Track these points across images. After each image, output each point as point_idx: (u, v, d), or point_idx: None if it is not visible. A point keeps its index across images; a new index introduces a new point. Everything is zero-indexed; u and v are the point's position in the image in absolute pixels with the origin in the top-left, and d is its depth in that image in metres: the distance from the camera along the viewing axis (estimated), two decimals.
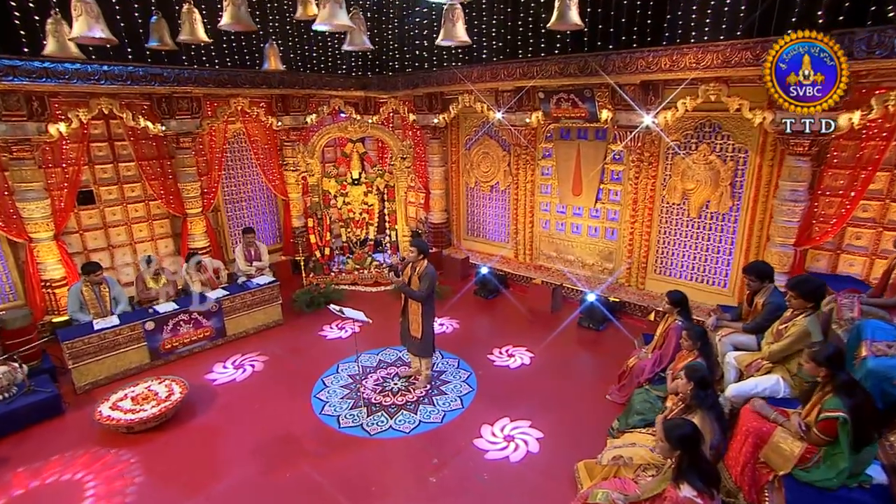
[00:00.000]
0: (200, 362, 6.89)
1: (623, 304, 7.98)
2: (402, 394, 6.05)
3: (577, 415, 5.59)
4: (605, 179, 8.41)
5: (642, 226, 8.04)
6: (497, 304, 8.73)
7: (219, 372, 6.65)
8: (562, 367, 6.60)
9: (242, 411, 5.85)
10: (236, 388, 6.30)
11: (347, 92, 10.42)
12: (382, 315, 7.73)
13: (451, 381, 6.30)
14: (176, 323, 6.90)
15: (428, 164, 10.58)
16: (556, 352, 6.93)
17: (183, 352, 7.02)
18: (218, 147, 9.14)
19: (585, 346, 7.16)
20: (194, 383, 6.25)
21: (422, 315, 5.78)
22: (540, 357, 6.78)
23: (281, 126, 9.68)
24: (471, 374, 6.42)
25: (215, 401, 6.06)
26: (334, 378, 6.45)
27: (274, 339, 7.51)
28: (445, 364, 6.68)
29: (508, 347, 7.04)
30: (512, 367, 6.59)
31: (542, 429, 5.37)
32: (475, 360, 6.69)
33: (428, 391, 6.07)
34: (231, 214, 9.82)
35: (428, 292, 5.64)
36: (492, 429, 5.42)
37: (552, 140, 8.89)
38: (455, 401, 5.90)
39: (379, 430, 5.44)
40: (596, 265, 8.83)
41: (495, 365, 6.64)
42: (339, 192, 9.51)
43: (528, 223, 9.51)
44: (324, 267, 9.42)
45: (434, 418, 5.61)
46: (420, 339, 5.85)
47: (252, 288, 7.65)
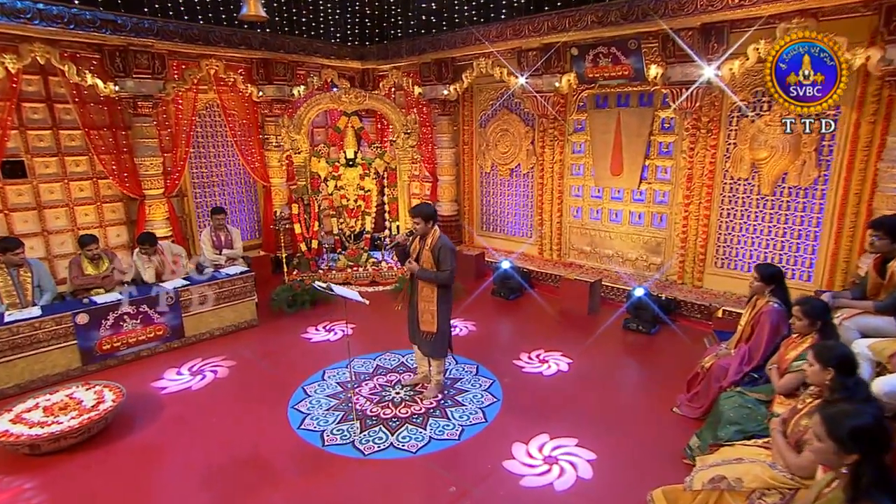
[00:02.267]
0: (148, 367, 5.96)
1: (677, 304, 6.98)
2: (406, 404, 5.10)
3: (637, 431, 4.68)
4: (651, 154, 7.60)
5: (699, 208, 7.19)
6: (520, 305, 7.84)
7: (170, 379, 5.72)
8: (609, 375, 5.76)
9: (195, 426, 4.88)
10: (190, 398, 5.35)
11: (342, 62, 9.73)
12: (380, 317, 7.09)
13: (470, 390, 5.35)
14: (118, 318, 5.92)
15: (436, 146, 9.82)
16: (600, 357, 6.10)
17: (126, 354, 6.03)
18: (186, 119, 8.32)
19: (635, 351, 6.32)
20: (135, 391, 5.30)
21: (437, 303, 4.88)
22: (580, 363, 5.93)
23: (262, 97, 8.91)
24: (494, 381, 5.52)
25: (161, 413, 5.08)
26: (319, 386, 5.50)
27: (245, 342, 6.61)
28: (461, 370, 5.78)
29: (540, 352, 6.17)
30: (546, 374, 5.73)
31: (593, 449, 4.44)
32: (498, 367, 5.84)
33: (439, 401, 5.15)
34: (200, 201, 8.96)
35: (452, 271, 4.75)
36: (527, 448, 4.47)
37: (585, 110, 8.13)
38: (476, 413, 4.95)
39: (376, 448, 4.46)
40: (640, 260, 7.94)
41: (524, 372, 5.77)
42: (330, 175, 8.67)
43: (556, 212, 8.74)
44: (311, 263, 8.47)
45: (449, 434, 4.64)
46: (435, 335, 4.95)
47: (220, 279, 6.68)
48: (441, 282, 4.77)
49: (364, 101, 8.58)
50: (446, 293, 4.93)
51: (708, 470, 3.34)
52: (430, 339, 5.00)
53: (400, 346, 6.21)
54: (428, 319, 4.96)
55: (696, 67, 6.38)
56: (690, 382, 5.02)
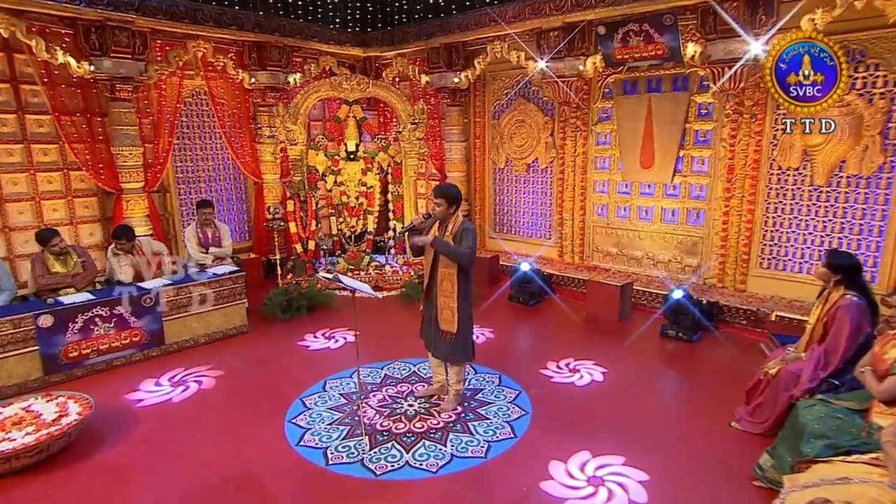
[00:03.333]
0: (122, 377, 5.50)
1: (720, 309, 6.55)
2: (420, 418, 4.66)
3: (692, 449, 4.25)
4: (686, 144, 7.23)
5: (742, 203, 6.79)
6: (542, 312, 7.45)
7: (147, 390, 5.27)
8: (650, 386, 5.37)
9: (175, 443, 4.42)
10: (170, 412, 4.90)
11: (342, 48, 9.40)
12: (386, 323, 6.88)
13: (494, 402, 4.93)
14: (88, 321, 5.46)
15: (444, 140, 9.45)
16: (638, 367, 5.71)
17: (97, 363, 5.57)
18: (170, 106, 7.92)
19: (677, 360, 5.93)
20: (106, 404, 4.84)
21: (457, 297, 4.48)
22: (616, 373, 5.53)
23: (255, 84, 8.52)
24: (520, 393, 5.12)
25: (135, 428, 4.62)
26: (319, 398, 5.06)
27: (234, 350, 6.17)
28: (482, 380, 5.37)
29: (569, 361, 5.78)
30: (578, 385, 5.34)
31: (644, 468, 4.01)
32: (524, 376, 5.45)
33: (459, 414, 4.71)
34: (184, 198, 8.54)
35: (472, 252, 4.38)
36: (566, 467, 4.03)
37: (611, 97, 7.80)
38: (502, 427, 4.51)
39: (389, 468, 4.00)
40: (674, 262, 7.55)
41: (554, 382, 5.38)
42: (329, 169, 8.28)
43: (579, 210, 8.35)
44: (307, 266, 8.04)
45: (474, 452, 4.19)
46: (455, 335, 4.55)
47: (206, 279, 6.23)
48: (461, 259, 4.36)
49: (367, 89, 8.25)
50: (467, 286, 4.54)
51: (803, 492, 2.88)
52: (450, 340, 4.59)
53: (409, 354, 5.83)
54: (448, 317, 4.56)
55: (740, 43, 6.02)
56: (750, 393, 4.58)
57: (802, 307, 6.06)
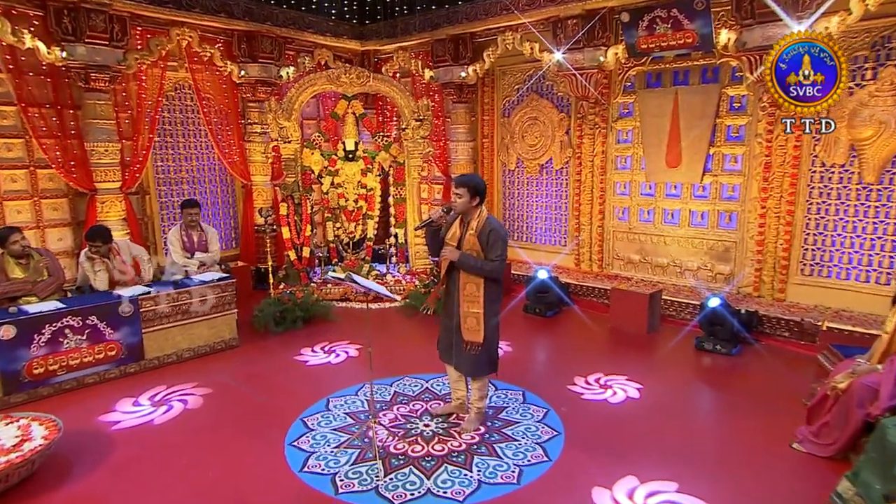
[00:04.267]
0: (96, 397, 5.10)
1: (759, 319, 6.26)
2: (439, 439, 4.33)
3: (752, 474, 3.90)
4: (717, 140, 7.02)
5: (780, 204, 6.55)
6: (561, 323, 7.21)
7: (124, 411, 4.89)
8: (692, 404, 5.11)
9: (157, 470, 4.03)
10: (151, 435, 4.50)
11: (338, 41, 9.26)
12: (391, 336, 6.65)
13: (520, 422, 4.61)
14: (57, 332, 5.06)
15: (449, 140, 9.26)
16: (676, 383, 5.43)
17: (66, 381, 5.18)
18: (150, 99, 7.62)
19: (717, 375, 5.63)
20: (77, 427, 4.46)
21: (483, 303, 4.19)
22: (653, 389, 5.25)
23: (244, 78, 8.28)
24: (548, 411, 4.81)
25: (110, 454, 4.22)
26: (323, 418, 4.71)
27: (224, 365, 5.82)
28: (504, 397, 5.06)
29: (598, 376, 5.50)
30: (612, 402, 5.04)
31: (702, 496, 3.66)
32: (550, 393, 5.15)
33: (483, 435, 4.38)
34: (165, 200, 8.23)
35: (502, 263, 4.13)
36: (611, 494, 3.70)
37: (634, 91, 7.62)
38: (534, 450, 4.19)
39: (409, 496, 3.66)
40: (703, 269, 7.31)
41: (584, 399, 5.09)
42: (325, 170, 8.00)
43: (597, 214, 8.16)
44: (301, 275, 7.68)
45: (505, 477, 3.85)
46: (480, 346, 4.24)
47: (192, 286, 5.89)
48: (490, 274, 4.09)
49: (368, 83, 8.01)
50: (496, 290, 4.25)
51: None
52: (475, 351, 4.25)
53: (419, 369, 5.54)
54: (472, 326, 4.24)
55: (781, 27, 5.79)
56: (814, 411, 4.26)
57: (853, 318, 5.81)
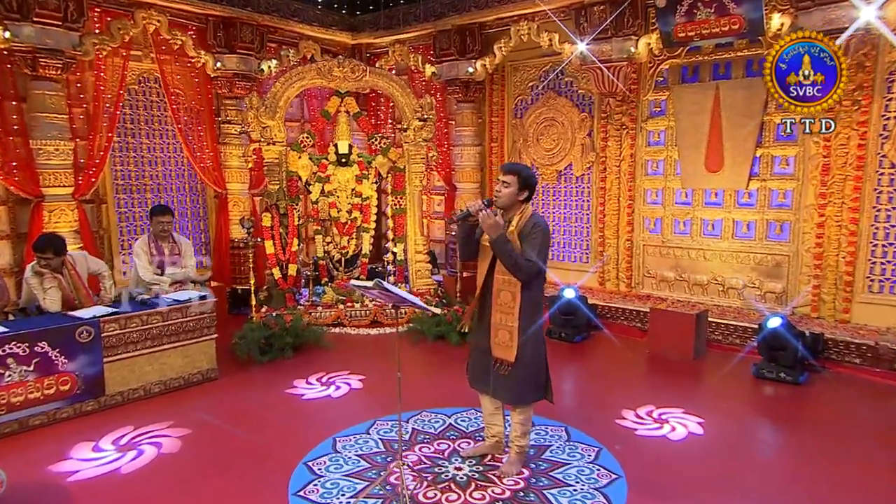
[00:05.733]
0: (46, 441, 4.70)
1: (824, 342, 6.09)
2: (477, 485, 4.00)
3: None
4: (765, 140, 6.96)
5: (842, 211, 6.45)
6: (592, 349, 7.12)
7: (83, 458, 4.47)
8: (765, 441, 4.89)
9: None
10: (118, 487, 4.09)
11: (327, 32, 9.21)
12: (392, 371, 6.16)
13: (570, 463, 4.34)
14: None
15: (453, 144, 9.26)
16: (741, 416, 5.26)
17: (6, 422, 4.72)
18: (110, 92, 7.35)
19: (787, 407, 5.47)
20: (23, 479, 4.08)
21: (519, 315, 3.90)
22: (717, 424, 5.00)
23: (220, 71, 8.10)
24: (600, 450, 4.53)
25: None
26: (331, 461, 4.39)
27: (202, 401, 5.49)
28: (545, 434, 4.77)
29: (650, 409, 5.29)
30: (673, 438, 4.79)
31: None
32: (597, 429, 4.89)
33: (527, 480, 4.05)
34: (125, 211, 7.96)
35: (538, 265, 3.85)
36: None
37: (666, 87, 7.60)
38: (593, 497, 3.88)
39: None
40: (750, 287, 7.20)
41: (639, 436, 4.84)
42: (314, 176, 7.79)
43: (625, 226, 8.12)
44: (286, 296, 7.40)
45: None
46: (514, 366, 3.94)
47: (163, 306, 5.57)
48: (522, 271, 3.80)
49: (364, 77, 7.84)
50: (535, 299, 3.97)
51: None
52: (508, 372, 3.96)
53: (438, 403, 5.28)
54: (504, 340, 3.96)
55: (845, 9, 5.72)
56: None
57: None
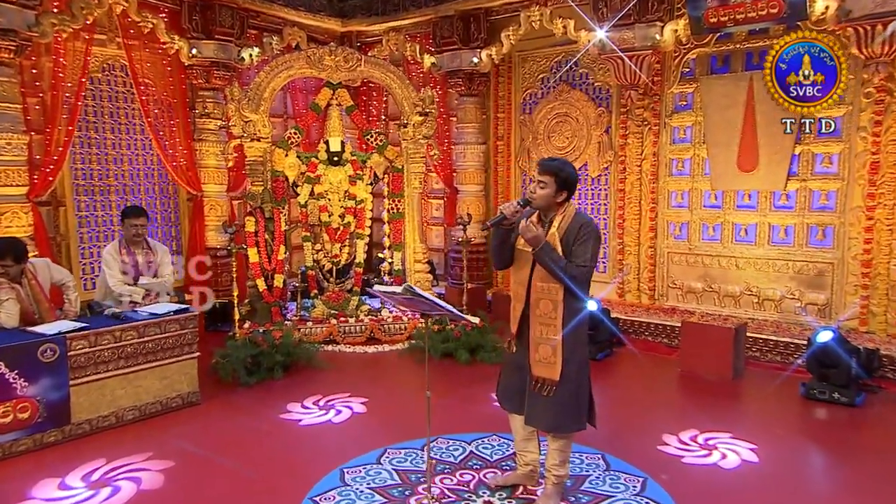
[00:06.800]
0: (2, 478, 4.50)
1: (879, 359, 6.04)
2: None
3: None
4: (804, 137, 6.93)
5: (893, 213, 6.42)
6: (617, 367, 7.13)
7: (47, 497, 4.25)
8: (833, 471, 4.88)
9: None
10: None
11: (314, 18, 9.28)
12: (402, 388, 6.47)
13: (614, 496, 4.18)
14: None
15: (454, 142, 9.35)
16: (796, 442, 5.22)
17: None
18: (70, 80, 7.20)
19: (847, 433, 5.43)
20: None
21: (562, 325, 3.75)
22: (771, 451, 4.88)
23: (196, 58, 7.98)
24: (646, 480, 4.39)
25: None
26: (340, 496, 4.20)
27: (184, 429, 5.32)
28: (579, 463, 4.61)
29: (693, 433, 5.18)
30: (725, 467, 4.67)
31: None
32: (638, 456, 4.77)
33: None
34: (86, 214, 7.79)
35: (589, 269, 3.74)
36: None
37: (693, 78, 7.65)
38: None
39: None
40: (790, 298, 7.18)
41: (686, 463, 4.72)
42: (303, 177, 7.70)
43: (647, 232, 8.13)
44: (272, 309, 7.24)
45: None
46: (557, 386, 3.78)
47: (139, 320, 5.37)
48: (572, 281, 3.68)
49: (358, 67, 7.85)
50: (579, 308, 3.81)
51: None
52: (551, 393, 3.78)
53: (454, 429, 5.13)
54: (546, 356, 3.79)
55: None
56: None
57: None
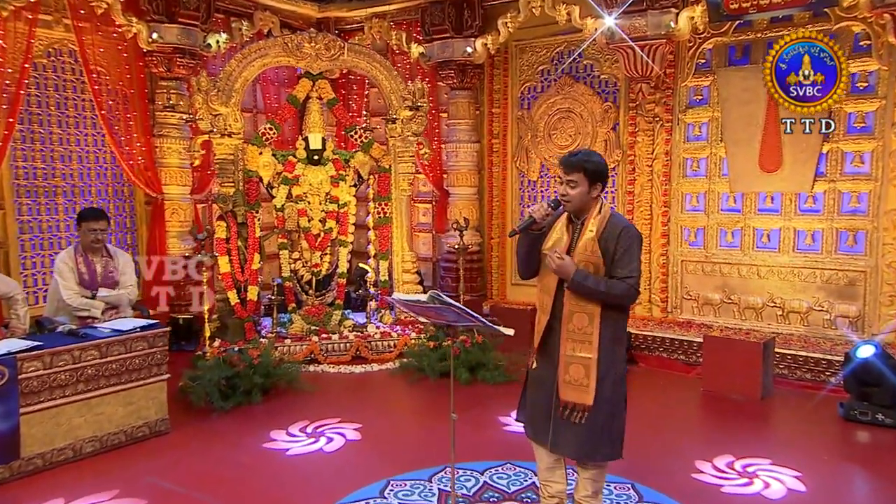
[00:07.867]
0: None
1: None
2: None
3: None
4: (832, 134, 7.02)
5: None
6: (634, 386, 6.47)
7: None
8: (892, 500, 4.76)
9: None
10: None
11: (288, 2, 9.41)
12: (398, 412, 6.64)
13: None
14: None
15: (444, 141, 9.38)
16: (842, 468, 5.32)
17: None
18: (11, 67, 7.11)
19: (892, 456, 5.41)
20: None
21: (599, 344, 3.60)
22: (819, 479, 4.89)
23: (157, 44, 7.91)
24: None
25: None
26: None
27: (153, 463, 5.18)
28: (607, 493, 4.59)
29: (729, 459, 5.16)
30: (769, 497, 4.63)
31: None
32: (671, 485, 4.77)
33: None
34: (28, 219, 7.78)
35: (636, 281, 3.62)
36: None
37: (709, 70, 7.76)
38: None
39: None
40: (818, 310, 7.25)
41: (726, 493, 4.69)
42: (279, 177, 7.63)
43: (659, 238, 8.24)
44: (245, 325, 7.11)
45: None
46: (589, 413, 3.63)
47: (101, 338, 5.18)
48: (619, 300, 3.57)
49: (340, 56, 7.80)
50: (620, 326, 3.69)
51: None
52: (581, 419, 3.62)
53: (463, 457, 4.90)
54: (578, 378, 3.63)
55: None
56: None
57: None
